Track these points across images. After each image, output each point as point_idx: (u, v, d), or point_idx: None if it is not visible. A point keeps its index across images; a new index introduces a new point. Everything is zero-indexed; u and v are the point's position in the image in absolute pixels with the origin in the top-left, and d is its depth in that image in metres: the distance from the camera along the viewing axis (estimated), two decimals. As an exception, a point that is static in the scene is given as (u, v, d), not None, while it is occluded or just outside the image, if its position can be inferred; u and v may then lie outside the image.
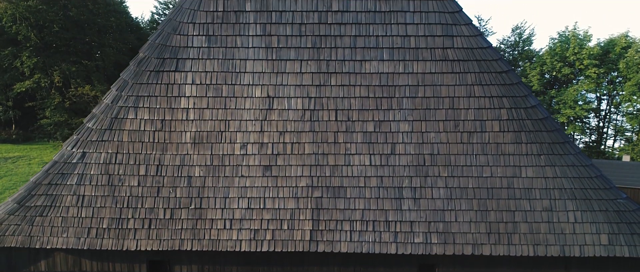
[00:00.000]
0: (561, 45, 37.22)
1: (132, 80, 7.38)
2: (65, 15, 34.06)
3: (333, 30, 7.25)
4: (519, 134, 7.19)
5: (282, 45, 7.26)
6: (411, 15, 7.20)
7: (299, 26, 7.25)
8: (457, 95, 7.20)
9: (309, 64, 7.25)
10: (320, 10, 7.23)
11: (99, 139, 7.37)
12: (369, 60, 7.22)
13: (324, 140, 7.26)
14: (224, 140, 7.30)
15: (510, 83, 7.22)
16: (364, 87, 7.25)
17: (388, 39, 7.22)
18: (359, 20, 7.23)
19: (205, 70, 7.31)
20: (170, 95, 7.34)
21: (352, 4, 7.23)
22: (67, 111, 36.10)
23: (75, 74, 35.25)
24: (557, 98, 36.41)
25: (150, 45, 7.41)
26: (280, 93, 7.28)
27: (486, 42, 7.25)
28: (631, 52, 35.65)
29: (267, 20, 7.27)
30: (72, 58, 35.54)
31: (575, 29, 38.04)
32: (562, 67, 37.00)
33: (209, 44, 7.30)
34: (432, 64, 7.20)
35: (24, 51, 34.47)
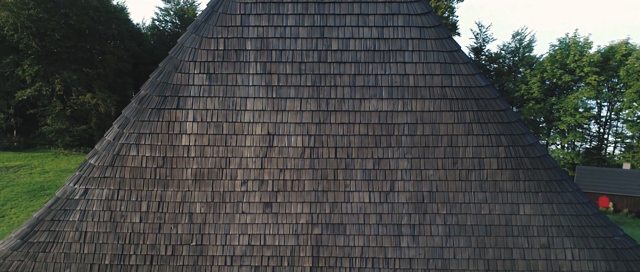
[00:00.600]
0: (562, 52, 37.33)
1: (134, 118, 7.46)
2: (66, 23, 34.21)
3: (332, 69, 7.32)
4: (517, 172, 7.26)
5: (282, 84, 7.34)
6: (410, 54, 7.28)
7: (299, 65, 7.33)
8: (455, 133, 7.27)
9: (308, 102, 7.33)
10: (320, 49, 7.31)
11: (101, 175, 7.45)
12: (368, 99, 7.30)
13: (324, 177, 7.33)
14: (224, 177, 7.38)
15: (509, 121, 7.29)
16: (363, 125, 7.32)
17: (387, 78, 7.29)
18: (358, 59, 7.31)
19: (206, 108, 7.39)
20: (172, 133, 7.41)
21: (351, 43, 7.30)
22: (69, 119, 36.31)
23: (77, 82, 35.43)
24: (558, 105, 36.48)
25: (151, 83, 7.49)
26: (280, 131, 7.36)
27: (484, 80, 7.32)
28: (631, 59, 35.76)
29: (267, 59, 7.34)
30: (73, 66, 35.72)
31: (575, 36, 38.15)
32: (563, 74, 37.13)
33: (210, 82, 7.38)
34: (431, 102, 7.27)
35: (26, 59, 34.66)
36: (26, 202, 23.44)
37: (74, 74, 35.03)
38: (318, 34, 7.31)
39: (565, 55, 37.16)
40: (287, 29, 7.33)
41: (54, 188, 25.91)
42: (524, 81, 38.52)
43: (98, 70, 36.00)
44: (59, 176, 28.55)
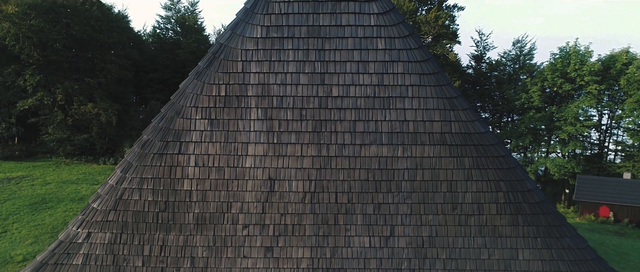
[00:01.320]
0: (562, 61, 37.35)
1: (136, 162, 7.53)
2: (68, 34, 34.30)
3: (333, 115, 7.39)
4: (516, 217, 7.32)
5: (283, 129, 7.41)
6: (410, 100, 7.34)
7: (300, 111, 7.39)
8: (455, 178, 7.33)
9: (309, 147, 7.39)
10: (320, 95, 7.37)
11: (104, 219, 7.52)
12: (369, 145, 7.36)
13: (325, 221, 7.40)
14: (226, 221, 7.45)
15: (508, 167, 7.35)
16: (363, 170, 7.39)
17: (387, 124, 7.35)
18: (359, 105, 7.37)
19: (208, 153, 7.45)
20: (174, 177, 7.48)
21: (352, 89, 7.37)
22: (70, 128, 36.40)
23: (78, 91, 35.53)
24: (558, 114, 36.50)
25: (153, 128, 7.56)
26: (281, 175, 7.42)
27: (484, 127, 7.38)
28: (632, 68, 35.79)
29: (268, 104, 7.41)
30: (74, 75, 35.81)
31: (576, 45, 38.17)
32: (563, 83, 37.15)
33: (212, 128, 7.45)
34: (431, 148, 7.34)
35: (27, 69, 34.76)
36: (28, 216, 23.52)
37: (75, 83, 35.11)
38: (319, 81, 7.38)
39: (565, 64, 37.19)
40: (288, 76, 7.39)
41: (55, 201, 26.01)
42: (525, 90, 38.55)
43: (99, 80, 36.08)
44: (60, 187, 28.64)
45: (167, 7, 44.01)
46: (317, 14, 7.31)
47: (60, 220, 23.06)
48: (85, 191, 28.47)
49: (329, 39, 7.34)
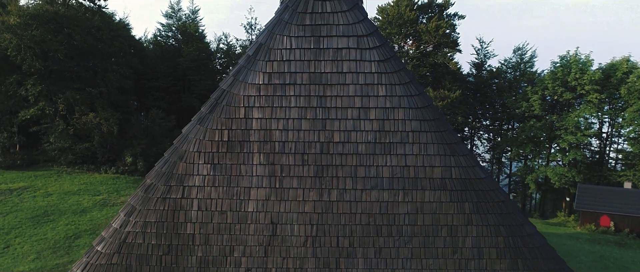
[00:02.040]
0: (563, 69, 37.40)
1: (140, 206, 7.61)
2: (69, 44, 34.38)
3: (334, 160, 7.46)
4: (516, 261, 7.39)
5: (285, 174, 7.48)
6: (410, 146, 7.41)
7: (302, 156, 7.47)
8: (455, 223, 7.40)
9: (311, 192, 7.47)
10: (322, 141, 7.45)
11: (108, 262, 7.60)
12: (370, 190, 7.43)
13: (326, 265, 7.47)
14: (229, 264, 7.52)
15: (508, 212, 7.42)
16: (364, 215, 7.46)
17: (388, 169, 7.42)
18: (360, 151, 7.44)
19: (211, 197, 7.53)
20: (177, 221, 7.56)
21: (353, 135, 7.44)
22: (71, 137, 36.48)
23: (79, 101, 35.60)
24: (559, 123, 36.55)
25: (157, 173, 7.64)
26: (283, 220, 7.50)
27: (484, 172, 7.45)
28: (632, 78, 35.83)
29: (270, 149, 7.49)
30: (76, 85, 35.88)
31: (576, 53, 38.23)
32: (564, 92, 37.20)
33: (215, 172, 7.52)
34: (431, 193, 7.41)
35: (29, 79, 34.85)
36: (30, 230, 23.60)
37: (77, 93, 35.19)
38: (320, 127, 7.45)
39: (566, 73, 37.23)
40: (290, 121, 7.47)
41: (57, 213, 26.09)
42: (525, 98, 38.61)
43: (101, 89, 36.14)
44: (62, 199, 28.72)
45: (168, 15, 44.13)
46: (318, 61, 7.39)
47: (62, 234, 23.15)
48: (87, 202, 28.56)
49: (330, 85, 7.42)
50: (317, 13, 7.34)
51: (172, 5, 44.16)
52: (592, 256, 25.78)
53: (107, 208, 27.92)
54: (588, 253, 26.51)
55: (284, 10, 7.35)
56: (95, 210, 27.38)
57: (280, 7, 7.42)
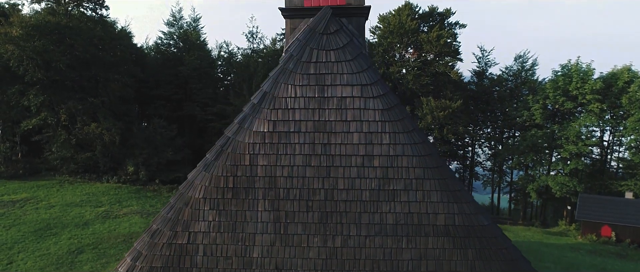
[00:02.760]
0: (564, 79, 37.43)
1: (146, 251, 7.68)
2: (71, 54, 34.48)
3: (339, 207, 7.53)
4: (519, 307, 7.44)
5: (290, 220, 7.55)
6: (414, 193, 7.48)
7: (306, 202, 7.53)
8: (458, 270, 7.46)
9: (315, 238, 7.53)
10: (326, 188, 7.51)
11: (114, 306, 7.67)
12: (374, 236, 7.50)
13: (331, 310, 7.53)
14: (234, 309, 7.58)
15: (511, 259, 7.48)
16: (369, 261, 7.52)
17: (392, 216, 7.49)
18: (364, 198, 7.51)
19: (216, 243, 7.60)
20: (183, 266, 7.63)
21: (357, 182, 7.50)
22: (73, 147, 36.58)
23: (81, 111, 35.70)
24: (560, 133, 36.56)
25: (162, 219, 7.71)
26: (288, 265, 7.56)
27: (487, 219, 7.52)
28: (634, 87, 35.85)
29: (275, 196, 7.55)
30: (78, 95, 35.99)
31: (578, 63, 38.26)
32: (565, 101, 37.21)
33: (220, 218, 7.59)
34: (434, 239, 7.47)
35: (31, 89, 34.98)
36: (33, 244, 23.68)
37: (79, 103, 35.29)
38: (325, 174, 7.52)
39: (567, 82, 37.24)
40: (294, 169, 7.53)
41: (59, 226, 26.17)
42: (526, 107, 38.61)
43: (102, 99, 36.24)
44: (64, 211, 28.81)
45: (170, 24, 44.18)
46: (323, 109, 7.46)
47: (64, 249, 23.23)
48: (89, 214, 28.64)
49: (334, 133, 7.49)
50: (321, 62, 7.41)
51: (173, 14, 44.21)
52: (593, 269, 25.82)
53: (110, 220, 28.00)
54: (589, 266, 26.55)
55: (288, 60, 7.41)
56: (97, 222, 27.46)
57: (285, 57, 7.49)
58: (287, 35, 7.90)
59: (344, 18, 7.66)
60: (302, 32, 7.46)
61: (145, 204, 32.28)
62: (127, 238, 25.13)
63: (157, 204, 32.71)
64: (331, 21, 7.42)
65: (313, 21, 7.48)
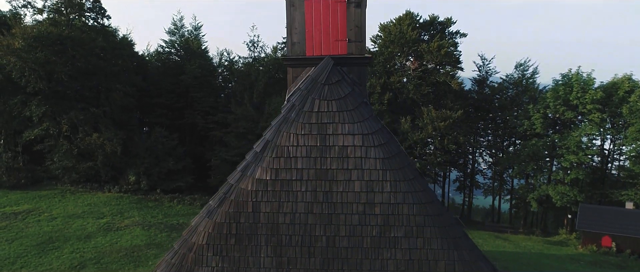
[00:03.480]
0: (564, 88, 37.52)
1: (150, 296, 7.76)
2: (73, 65, 34.61)
3: (340, 254, 7.61)
4: None
5: (292, 267, 7.63)
6: (414, 240, 7.56)
7: (308, 249, 7.62)
8: (459, 315, 7.54)
9: (317, 284, 7.61)
10: (328, 235, 7.60)
11: None
12: (375, 282, 7.58)
13: None
14: None
15: (510, 305, 7.56)
16: (370, 307, 7.60)
17: (393, 263, 7.57)
18: (365, 245, 7.59)
19: (219, 288, 7.68)
20: (186, 311, 7.71)
21: (359, 229, 7.59)
22: (75, 156, 36.71)
23: (83, 121, 35.83)
24: (560, 142, 36.63)
25: (167, 263, 7.80)
26: (290, 311, 7.64)
27: (487, 266, 7.59)
28: (634, 97, 35.93)
29: (277, 243, 7.64)
30: (79, 105, 36.13)
31: (578, 72, 38.36)
32: (566, 110, 37.30)
33: (223, 264, 7.68)
34: (435, 286, 7.55)
35: (33, 99, 35.12)
36: (36, 258, 23.79)
37: (81, 113, 35.42)
38: (326, 221, 7.60)
39: (568, 91, 37.32)
40: (296, 216, 7.62)
41: (62, 240, 26.27)
42: (527, 116, 38.70)
43: (104, 109, 36.38)
44: (66, 223, 28.91)
45: (172, 32, 44.31)
46: (324, 158, 7.55)
47: (67, 264, 23.32)
48: (91, 227, 28.75)
49: (336, 181, 7.57)
50: (323, 112, 7.50)
51: (175, 22, 44.34)
52: (594, 282, 25.92)
53: (111, 233, 28.09)
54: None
55: (290, 109, 7.51)
56: (99, 235, 27.55)
57: (287, 105, 7.58)
58: (289, 83, 8.00)
59: (345, 67, 7.76)
60: (304, 82, 7.56)
61: (146, 215, 32.38)
62: (129, 252, 25.23)
63: (158, 215, 32.82)
64: (333, 72, 7.51)
65: (315, 71, 7.58)
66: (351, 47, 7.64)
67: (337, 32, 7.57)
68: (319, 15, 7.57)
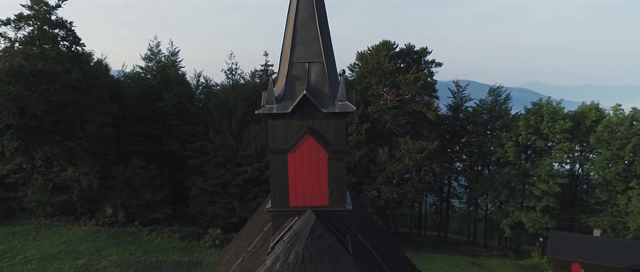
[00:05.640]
0: (535, 118, 38.78)
1: None
2: (47, 99, 34.01)
3: None
4: None
5: None
6: None
7: None
8: None
9: None
10: None
11: None
12: None
13: None
14: None
15: None
16: None
17: None
18: None
19: None
20: None
21: None
22: (50, 190, 36.04)
23: (58, 155, 35.23)
24: (532, 171, 37.82)
25: None
26: None
27: None
28: (600, 127, 37.45)
29: None
30: (54, 138, 35.48)
31: (549, 101, 39.75)
32: (536, 139, 38.57)
33: None
34: None
35: (5, 133, 34.38)
36: (11, 311, 23.44)
37: (55, 147, 34.80)
38: None
39: (539, 120, 38.59)
40: None
41: (38, 286, 25.92)
42: (500, 143, 39.82)
43: (79, 141, 35.79)
44: (42, 267, 28.46)
45: (148, 58, 43.84)
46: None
47: (44, 317, 23.04)
48: (68, 269, 28.44)
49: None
50: (306, 263, 7.80)
51: (151, 48, 43.88)
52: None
53: (89, 277, 27.83)
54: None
55: (275, 261, 7.79)
56: (76, 280, 27.28)
57: (272, 257, 7.86)
58: (272, 232, 8.28)
59: (326, 218, 8.08)
60: (288, 235, 7.85)
61: (125, 253, 32.08)
62: (108, 300, 25.07)
63: (137, 252, 32.56)
64: (315, 225, 7.83)
65: (298, 225, 7.88)
66: (332, 199, 7.98)
67: (318, 185, 7.90)
68: (301, 168, 7.89)
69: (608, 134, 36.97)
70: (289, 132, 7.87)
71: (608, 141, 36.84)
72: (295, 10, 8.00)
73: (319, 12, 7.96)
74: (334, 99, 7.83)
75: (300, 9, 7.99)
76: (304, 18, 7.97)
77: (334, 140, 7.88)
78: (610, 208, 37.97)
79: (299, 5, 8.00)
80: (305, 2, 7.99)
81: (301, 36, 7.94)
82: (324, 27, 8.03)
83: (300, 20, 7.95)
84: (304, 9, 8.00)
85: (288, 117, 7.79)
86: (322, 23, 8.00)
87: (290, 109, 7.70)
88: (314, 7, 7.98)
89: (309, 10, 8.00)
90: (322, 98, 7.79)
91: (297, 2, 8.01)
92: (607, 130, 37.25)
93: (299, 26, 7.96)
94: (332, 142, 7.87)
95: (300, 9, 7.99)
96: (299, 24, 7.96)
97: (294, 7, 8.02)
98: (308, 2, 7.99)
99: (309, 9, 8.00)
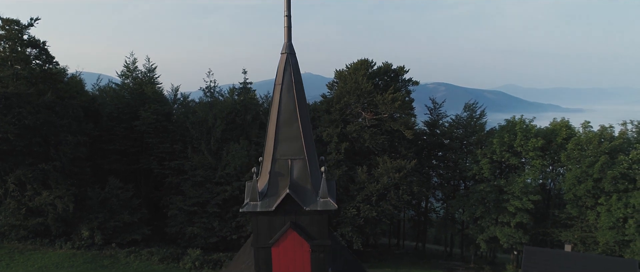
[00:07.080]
0: (508, 135, 39.81)
1: None
2: (20, 123, 33.26)
3: None
4: None
5: None
6: None
7: None
8: None
9: None
10: None
11: None
12: None
13: None
14: None
15: None
16: None
17: None
18: None
19: None
20: None
21: None
22: (24, 214, 35.29)
23: (32, 179, 34.51)
24: (506, 188, 38.84)
25: None
26: None
27: None
28: (570, 145, 38.70)
29: None
30: (28, 161, 34.72)
31: (522, 118, 40.84)
32: (510, 157, 39.61)
33: None
34: None
35: (-24, 157, 33.45)
36: None
37: (29, 171, 34.07)
38: None
39: (512, 138, 39.63)
40: None
41: (13, 321, 25.38)
42: (476, 161, 40.74)
43: (54, 163, 35.10)
44: (17, 298, 27.90)
45: (124, 75, 43.22)
46: None
47: None
48: (43, 301, 27.88)
49: None
50: None
51: (127, 65, 43.26)
52: None
53: (66, 308, 27.38)
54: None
55: None
56: (53, 312, 26.81)
57: None
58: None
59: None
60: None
61: (102, 280, 31.70)
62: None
63: (114, 278, 32.20)
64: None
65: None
66: (316, 293, 8.22)
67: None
68: (285, 261, 8.09)
69: (578, 152, 38.22)
70: (272, 227, 8.07)
71: (578, 158, 38.09)
72: (277, 108, 8.21)
73: (301, 110, 8.19)
74: (316, 195, 8.06)
75: (283, 106, 8.20)
76: (286, 116, 8.19)
77: (317, 233, 8.12)
78: (580, 223, 39.31)
79: (281, 103, 8.21)
80: (287, 100, 8.21)
81: (284, 133, 8.16)
82: (306, 123, 8.26)
83: (282, 118, 8.17)
84: (286, 106, 8.21)
85: (272, 215, 7.99)
86: (304, 120, 8.23)
87: (273, 207, 7.90)
88: (296, 104, 8.20)
89: (290, 107, 8.21)
90: (305, 195, 8.02)
91: (279, 100, 8.22)
92: (577, 148, 38.49)
93: (282, 123, 8.17)
94: (314, 236, 8.11)
95: (283, 106, 8.20)
96: (281, 121, 8.17)
97: (277, 104, 8.23)
98: (290, 100, 8.20)
99: (290, 106, 8.21)
